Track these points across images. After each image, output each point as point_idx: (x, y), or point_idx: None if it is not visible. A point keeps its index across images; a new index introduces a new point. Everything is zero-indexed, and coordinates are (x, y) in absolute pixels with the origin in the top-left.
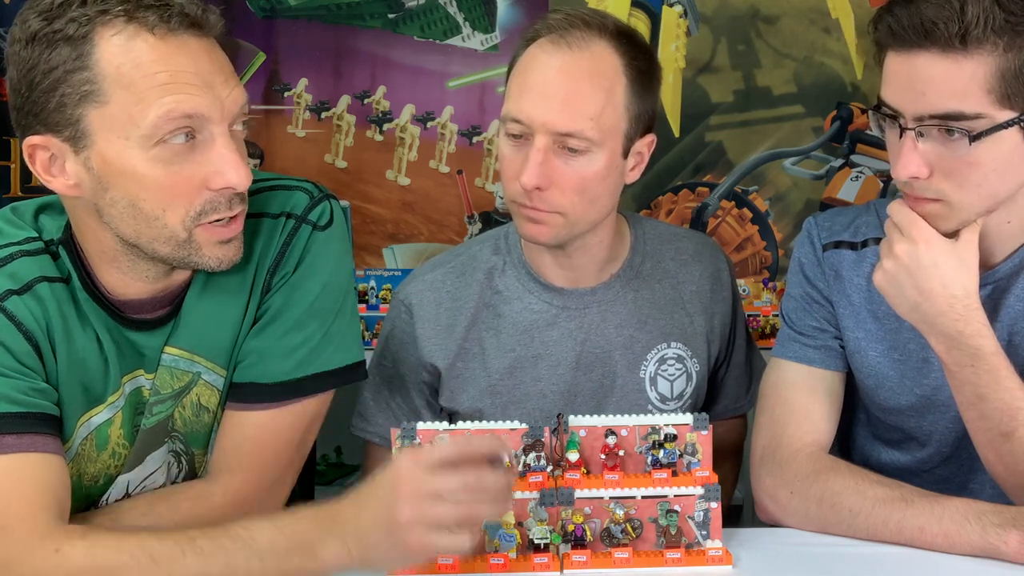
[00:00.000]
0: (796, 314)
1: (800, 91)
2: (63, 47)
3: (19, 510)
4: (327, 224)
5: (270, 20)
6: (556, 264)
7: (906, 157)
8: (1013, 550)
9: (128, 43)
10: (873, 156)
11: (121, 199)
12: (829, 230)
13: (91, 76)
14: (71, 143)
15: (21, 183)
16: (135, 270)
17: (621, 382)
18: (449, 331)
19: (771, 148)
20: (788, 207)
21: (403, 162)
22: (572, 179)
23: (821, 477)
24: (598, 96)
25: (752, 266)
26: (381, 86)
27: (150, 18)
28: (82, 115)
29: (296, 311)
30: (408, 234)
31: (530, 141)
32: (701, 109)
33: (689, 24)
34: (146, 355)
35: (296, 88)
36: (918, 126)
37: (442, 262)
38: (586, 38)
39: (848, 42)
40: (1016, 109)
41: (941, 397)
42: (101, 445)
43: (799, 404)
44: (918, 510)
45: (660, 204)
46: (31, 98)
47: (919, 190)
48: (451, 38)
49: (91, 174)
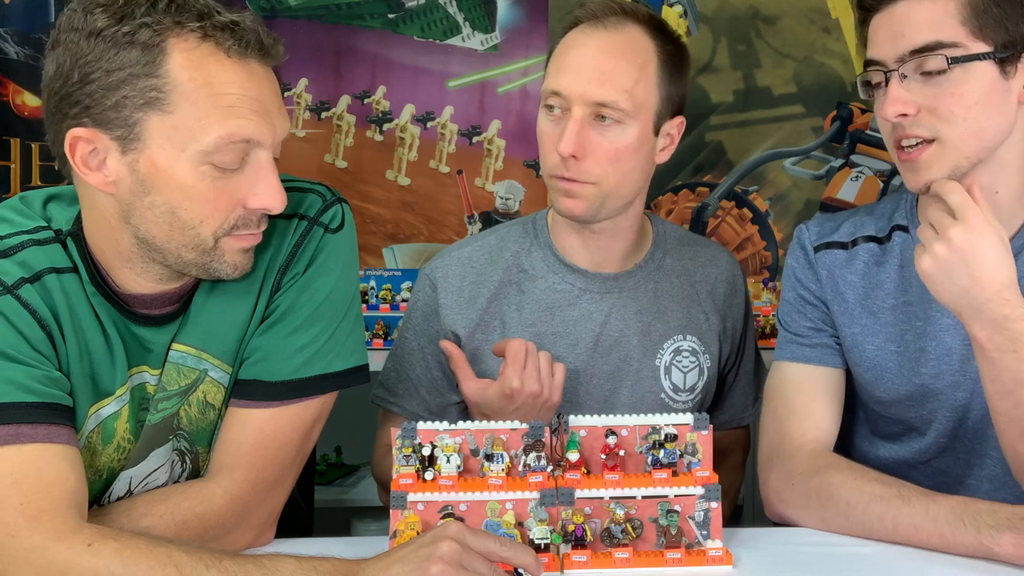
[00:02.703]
0: (791, 317)
1: (800, 91)
2: (132, 50)
3: (47, 500)
4: (339, 227)
5: (270, 20)
6: (583, 246)
7: (892, 96)
8: (1006, 552)
9: (202, 60)
10: (873, 156)
11: (161, 204)
12: (819, 234)
13: (159, 84)
14: (120, 142)
15: (21, 183)
16: (148, 272)
17: (637, 367)
18: (471, 302)
19: (771, 148)
20: (788, 207)
21: (403, 162)
22: (607, 149)
23: (821, 472)
24: (631, 70)
25: (752, 266)
26: (381, 86)
27: (227, 41)
28: (141, 119)
29: (304, 311)
30: (408, 234)
31: (567, 115)
32: (701, 109)
33: (689, 24)
34: (152, 351)
35: (296, 88)
36: (900, 67)
37: (470, 242)
38: (621, 21)
39: (848, 42)
40: (989, 44)
41: (939, 385)
42: (107, 438)
43: (799, 403)
44: (914, 508)
45: (660, 204)
46: (84, 90)
47: (910, 128)
48: (451, 38)
49: (134, 176)
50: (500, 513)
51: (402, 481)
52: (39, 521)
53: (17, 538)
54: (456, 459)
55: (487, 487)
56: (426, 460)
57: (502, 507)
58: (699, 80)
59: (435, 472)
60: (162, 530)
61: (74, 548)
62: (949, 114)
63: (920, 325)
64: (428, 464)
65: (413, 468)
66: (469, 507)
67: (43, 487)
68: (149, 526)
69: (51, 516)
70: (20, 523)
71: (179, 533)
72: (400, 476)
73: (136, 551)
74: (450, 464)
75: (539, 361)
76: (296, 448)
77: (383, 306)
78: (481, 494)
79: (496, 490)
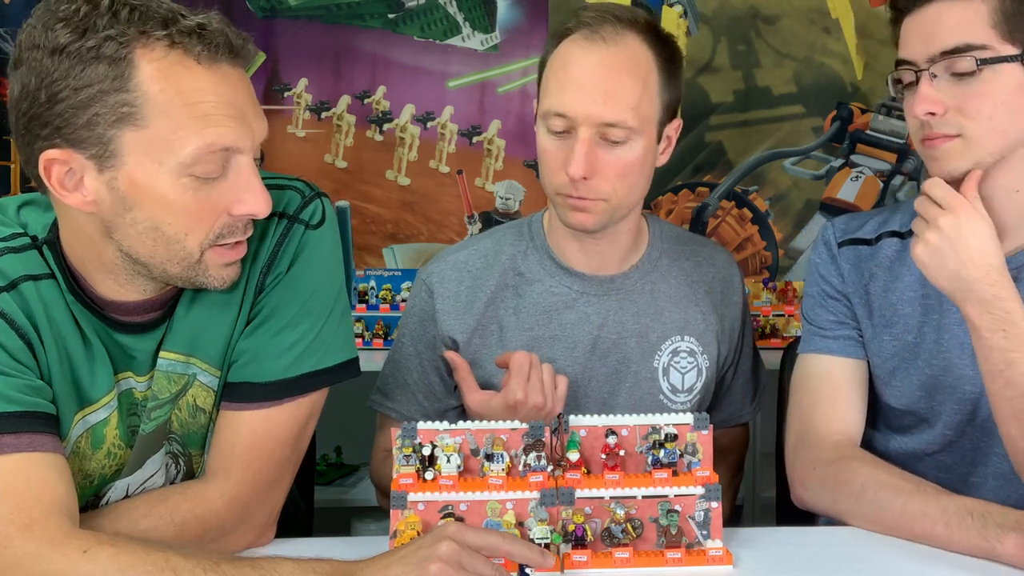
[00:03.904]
0: (814, 311)
1: (800, 91)
2: (99, 65)
3: (37, 508)
4: (319, 223)
5: (270, 20)
6: (581, 250)
7: (922, 95)
8: (1008, 552)
9: (171, 69)
10: (873, 156)
11: (144, 220)
12: (844, 231)
13: (130, 99)
14: (96, 161)
15: (21, 183)
16: (132, 283)
17: (635, 368)
18: (468, 307)
19: (771, 148)
20: (788, 207)
21: (403, 162)
22: (615, 167)
23: (843, 460)
24: (635, 87)
25: (752, 266)
26: (381, 86)
27: (196, 47)
28: (115, 136)
29: (290, 310)
30: (408, 234)
31: (573, 134)
32: (701, 109)
33: (689, 24)
34: (136, 358)
35: (296, 88)
36: (930, 66)
37: (466, 245)
38: (619, 32)
39: (848, 42)
40: (1018, 46)
41: (948, 378)
42: (96, 444)
43: (824, 394)
44: (924, 497)
45: (660, 204)
46: (54, 111)
47: (936, 127)
48: (451, 38)
49: (114, 194)
50: (500, 513)
51: (402, 481)
52: (31, 530)
53: (10, 548)
54: (456, 459)
55: (487, 487)
56: (426, 460)
57: (502, 507)
58: (699, 80)
59: (435, 472)
60: (162, 531)
61: (70, 555)
62: (975, 112)
63: (936, 318)
64: (428, 464)
65: (413, 468)
66: (469, 507)
67: (32, 496)
68: (148, 528)
69: (43, 524)
70: (12, 532)
71: (179, 534)
72: (400, 476)
73: (133, 555)
74: (450, 464)
75: (542, 373)
76: (291, 447)
77: (383, 306)
78: (481, 494)
79: (496, 490)
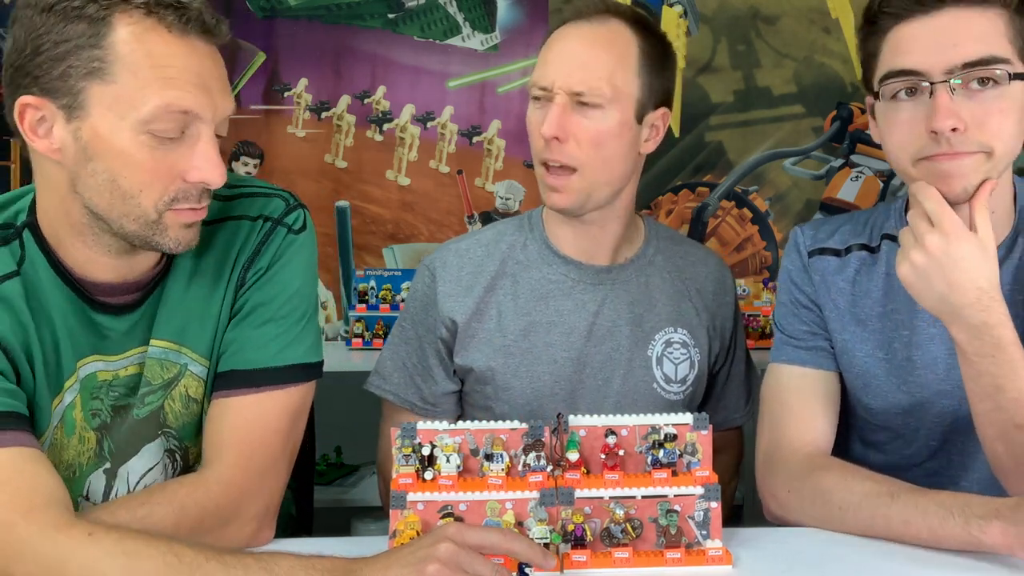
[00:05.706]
0: (786, 319)
1: (800, 91)
2: (80, 23)
3: (37, 497)
4: (301, 229)
5: (270, 20)
6: (574, 236)
7: (945, 109)
8: (994, 541)
9: (144, 34)
10: (873, 156)
11: (102, 172)
12: (813, 238)
13: (102, 55)
14: (66, 111)
15: (21, 183)
16: (99, 244)
17: (629, 356)
18: (468, 290)
19: (771, 148)
20: (788, 207)
21: (403, 162)
22: (588, 132)
23: (815, 475)
24: (610, 60)
25: (752, 266)
26: (381, 86)
27: (169, 16)
28: (84, 88)
29: (274, 304)
30: (408, 234)
31: (551, 102)
32: (701, 109)
33: (689, 24)
34: (109, 337)
35: (296, 88)
36: (950, 78)
37: (469, 236)
38: (605, 16)
39: (848, 42)
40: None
41: (926, 395)
42: (69, 431)
43: (795, 406)
44: (903, 504)
45: (660, 204)
46: (35, 61)
47: (958, 144)
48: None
49: (78, 143)
50: (500, 513)
51: (402, 481)
52: (33, 515)
53: (15, 531)
54: (456, 459)
55: (487, 487)
56: (426, 460)
57: (502, 507)
58: (699, 80)
59: (435, 472)
60: (161, 515)
61: (75, 537)
62: (999, 130)
63: (906, 335)
64: (428, 464)
65: (413, 468)
66: (469, 507)
67: (28, 486)
68: (148, 513)
69: (44, 511)
70: (14, 518)
71: (178, 520)
72: (400, 476)
73: (136, 540)
74: (450, 464)
75: None
76: (282, 438)
77: (383, 306)
78: (481, 494)
79: (496, 490)
